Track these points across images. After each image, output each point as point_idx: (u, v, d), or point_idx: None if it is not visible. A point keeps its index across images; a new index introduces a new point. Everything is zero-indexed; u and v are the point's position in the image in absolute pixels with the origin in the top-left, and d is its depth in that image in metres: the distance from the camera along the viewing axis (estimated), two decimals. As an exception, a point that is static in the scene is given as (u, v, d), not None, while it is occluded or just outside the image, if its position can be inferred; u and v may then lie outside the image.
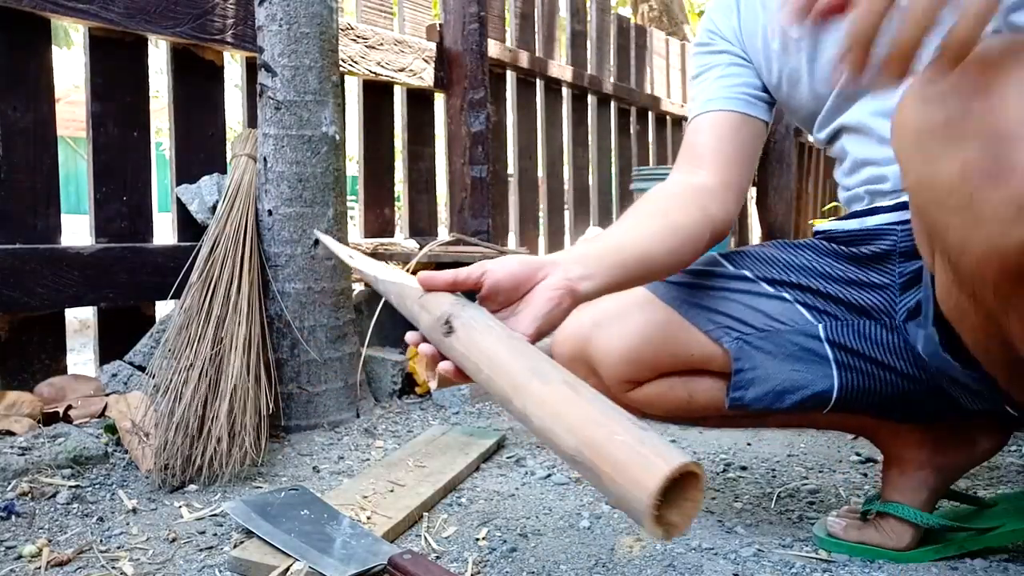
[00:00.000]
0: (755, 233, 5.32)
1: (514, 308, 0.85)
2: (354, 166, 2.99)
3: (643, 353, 1.11)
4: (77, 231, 3.81)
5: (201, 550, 1.13)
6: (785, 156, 5.30)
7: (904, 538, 1.08)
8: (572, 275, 0.87)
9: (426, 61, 2.68)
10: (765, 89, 1.18)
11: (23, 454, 1.38)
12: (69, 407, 1.61)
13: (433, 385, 0.95)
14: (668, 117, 4.78)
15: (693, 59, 1.25)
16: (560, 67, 3.68)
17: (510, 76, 3.36)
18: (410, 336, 0.86)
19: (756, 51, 1.17)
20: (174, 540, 1.17)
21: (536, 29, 3.57)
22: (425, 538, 1.17)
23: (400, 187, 2.88)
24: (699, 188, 1.12)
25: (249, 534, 1.13)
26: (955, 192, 0.66)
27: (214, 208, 1.88)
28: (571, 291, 0.86)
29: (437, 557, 1.11)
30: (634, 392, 1.14)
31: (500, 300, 0.85)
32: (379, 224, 2.61)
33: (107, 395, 1.67)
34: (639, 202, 1.11)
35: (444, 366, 0.82)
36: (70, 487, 1.34)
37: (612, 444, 0.62)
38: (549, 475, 1.46)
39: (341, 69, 2.02)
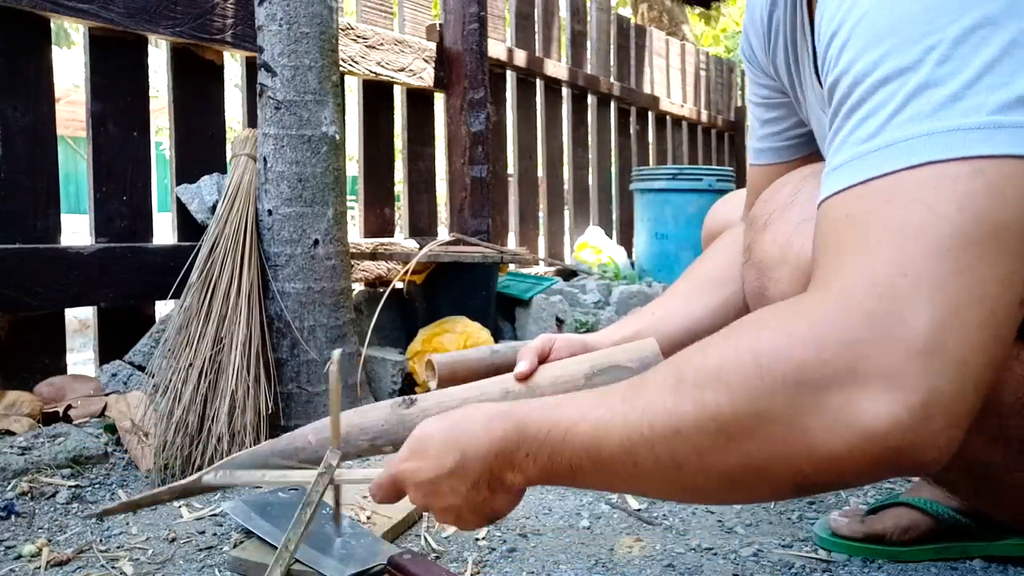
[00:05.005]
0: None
1: None
2: (354, 166, 2.99)
3: None
4: (77, 231, 3.81)
5: (201, 550, 1.14)
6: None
7: (910, 529, 1.07)
8: None
9: (426, 61, 2.68)
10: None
11: (23, 454, 1.38)
12: (69, 407, 1.61)
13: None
14: (668, 117, 4.78)
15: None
16: (560, 67, 3.68)
17: (510, 76, 3.36)
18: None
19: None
20: (174, 540, 1.17)
21: (536, 29, 3.57)
22: (425, 538, 1.17)
23: (400, 187, 2.88)
24: None
25: (249, 534, 1.13)
26: (750, 300, 0.85)
27: (214, 208, 1.88)
28: None
29: (437, 557, 1.11)
30: None
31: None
32: (379, 224, 2.61)
33: (107, 395, 1.67)
34: (707, 257, 1.16)
35: None
36: (70, 487, 1.34)
37: None
38: (549, 475, 1.46)
39: (341, 69, 2.02)
